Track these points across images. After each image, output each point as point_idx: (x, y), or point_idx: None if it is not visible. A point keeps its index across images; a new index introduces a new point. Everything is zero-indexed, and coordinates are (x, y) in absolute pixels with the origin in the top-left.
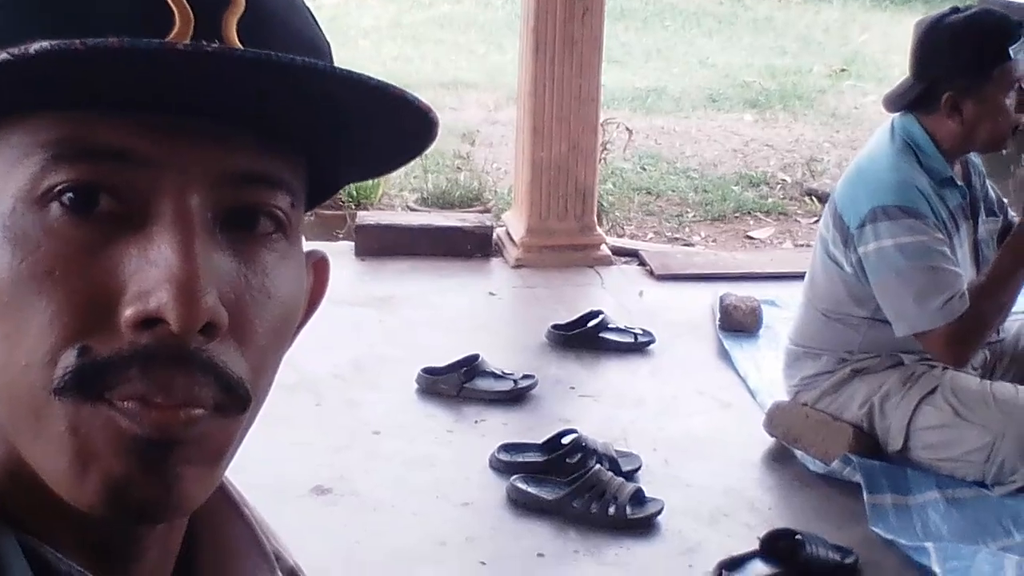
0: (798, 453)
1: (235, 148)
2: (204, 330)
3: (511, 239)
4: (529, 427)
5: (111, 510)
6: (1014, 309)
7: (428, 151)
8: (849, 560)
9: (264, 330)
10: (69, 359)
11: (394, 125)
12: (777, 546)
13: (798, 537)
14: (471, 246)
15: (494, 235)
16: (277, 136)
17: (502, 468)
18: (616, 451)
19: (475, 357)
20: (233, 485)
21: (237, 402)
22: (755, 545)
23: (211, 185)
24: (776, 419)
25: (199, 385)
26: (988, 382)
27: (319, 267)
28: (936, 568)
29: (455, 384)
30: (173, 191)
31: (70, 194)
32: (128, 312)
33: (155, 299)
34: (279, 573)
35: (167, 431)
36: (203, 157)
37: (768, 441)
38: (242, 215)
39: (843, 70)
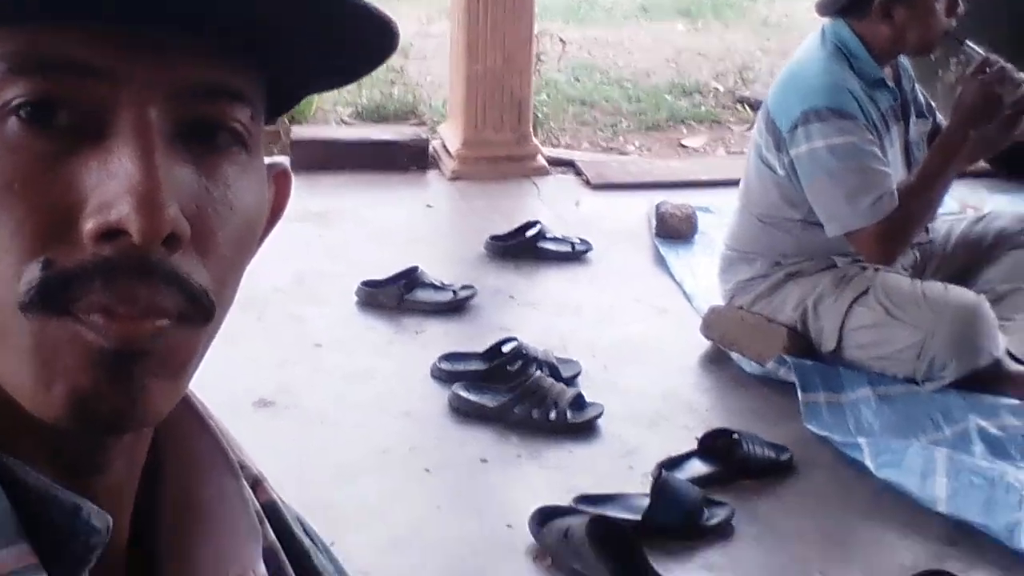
0: (734, 356)
1: (194, 60)
2: (166, 242)
3: (447, 151)
4: (469, 336)
5: (77, 422)
6: (943, 211)
7: None
8: (784, 457)
9: (226, 241)
10: (33, 273)
11: (353, 35)
12: (715, 445)
13: (735, 436)
14: (407, 159)
15: (430, 148)
16: (236, 48)
17: (443, 377)
18: (556, 358)
19: (414, 269)
20: (197, 397)
21: (201, 312)
22: (693, 445)
23: (170, 97)
24: (712, 323)
25: (162, 295)
26: (919, 282)
27: (280, 179)
28: (869, 463)
29: (395, 296)
30: (132, 103)
31: (28, 107)
32: (89, 224)
33: (116, 211)
34: (244, 482)
35: (132, 342)
36: (162, 69)
37: (705, 345)
38: (202, 128)
39: None
